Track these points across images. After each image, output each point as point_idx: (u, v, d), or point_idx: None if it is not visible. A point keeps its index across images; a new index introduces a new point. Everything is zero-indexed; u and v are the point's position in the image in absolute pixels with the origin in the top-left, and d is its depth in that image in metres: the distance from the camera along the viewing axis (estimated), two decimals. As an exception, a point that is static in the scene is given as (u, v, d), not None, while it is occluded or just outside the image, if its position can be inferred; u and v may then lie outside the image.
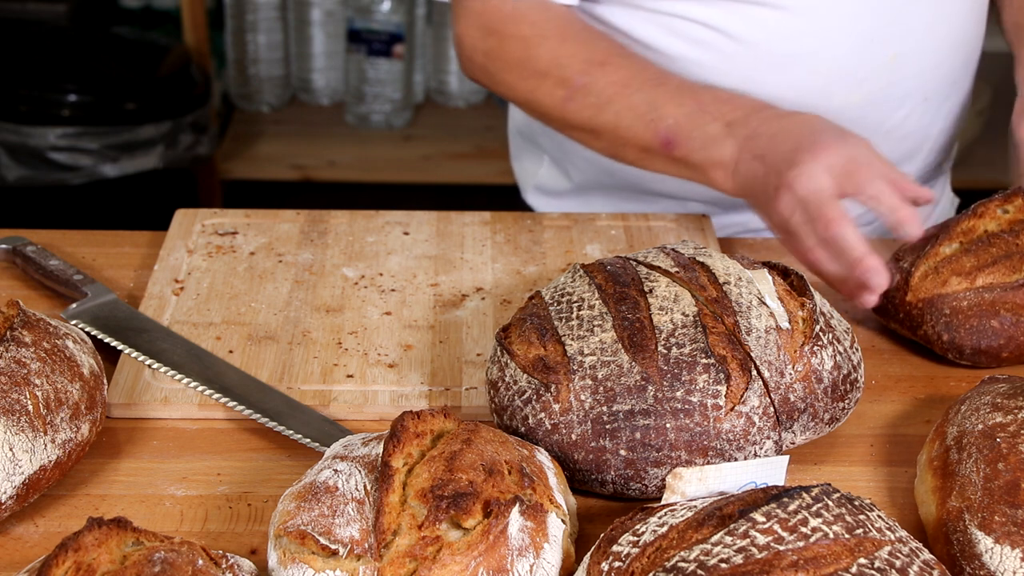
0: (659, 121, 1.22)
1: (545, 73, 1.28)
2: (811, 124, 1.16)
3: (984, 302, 1.09)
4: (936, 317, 1.10)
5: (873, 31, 1.32)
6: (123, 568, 0.78)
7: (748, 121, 1.18)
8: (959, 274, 1.10)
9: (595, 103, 1.26)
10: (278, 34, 3.08)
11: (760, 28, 1.30)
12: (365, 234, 1.30)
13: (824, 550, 0.77)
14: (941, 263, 1.12)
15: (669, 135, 1.22)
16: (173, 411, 1.05)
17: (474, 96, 3.18)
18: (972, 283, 1.10)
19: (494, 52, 1.31)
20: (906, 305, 1.13)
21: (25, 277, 1.22)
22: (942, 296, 1.10)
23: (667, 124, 1.22)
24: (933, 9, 1.34)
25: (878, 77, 1.35)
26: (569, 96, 1.27)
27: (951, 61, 1.40)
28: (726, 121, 1.19)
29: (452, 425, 0.90)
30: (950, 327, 1.10)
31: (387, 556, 0.81)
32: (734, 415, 0.94)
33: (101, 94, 2.70)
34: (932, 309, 1.11)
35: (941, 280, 1.11)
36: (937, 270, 1.11)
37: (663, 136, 1.22)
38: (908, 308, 1.12)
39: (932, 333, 1.11)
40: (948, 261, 1.11)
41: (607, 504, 0.98)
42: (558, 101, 1.28)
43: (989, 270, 1.10)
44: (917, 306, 1.12)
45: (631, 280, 1.00)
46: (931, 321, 1.11)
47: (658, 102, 1.23)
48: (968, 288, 1.10)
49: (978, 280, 1.10)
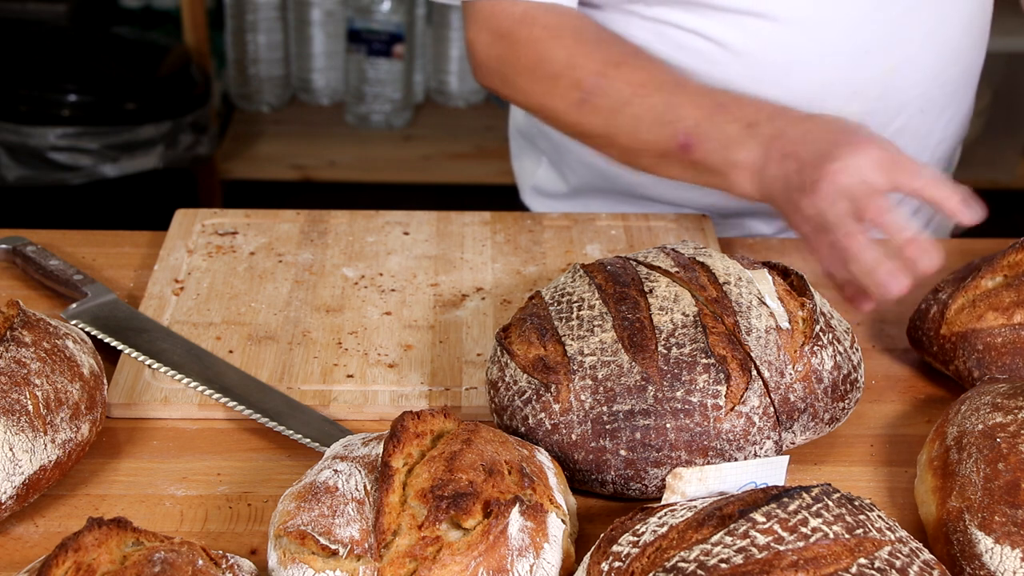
0: (677, 123, 1.19)
1: (559, 75, 1.26)
2: (842, 123, 1.14)
3: (1019, 340, 1.04)
4: (968, 352, 1.06)
5: (869, 42, 1.32)
6: (123, 568, 0.78)
7: (772, 122, 1.16)
8: (996, 309, 1.06)
9: (611, 105, 1.23)
10: (278, 34, 3.08)
11: (755, 38, 1.30)
12: (365, 234, 1.30)
13: (824, 550, 0.77)
14: (980, 296, 1.07)
15: (688, 137, 1.19)
16: (173, 411, 1.05)
17: (474, 96, 3.18)
18: (1009, 319, 1.05)
19: (506, 56, 1.29)
20: (940, 338, 1.09)
21: (25, 277, 1.22)
22: (976, 331, 1.06)
23: (686, 125, 1.19)
24: (931, 19, 1.33)
25: (874, 88, 1.34)
26: (584, 98, 1.24)
27: (950, 72, 1.39)
28: (747, 122, 1.17)
29: (452, 425, 0.90)
30: (981, 363, 1.05)
31: (387, 556, 0.81)
32: (734, 415, 0.94)
33: (101, 94, 2.70)
34: (965, 344, 1.06)
35: (977, 314, 1.06)
36: (975, 304, 1.07)
37: (681, 138, 1.19)
38: (942, 341, 1.08)
39: (963, 368, 1.07)
40: (987, 295, 1.07)
41: (607, 504, 0.98)
42: (572, 104, 1.26)
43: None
44: (951, 340, 1.07)
45: (631, 280, 1.00)
46: (963, 356, 1.06)
47: (676, 104, 1.20)
48: (1004, 324, 1.05)
49: (1015, 317, 1.05)
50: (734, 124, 1.17)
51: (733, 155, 1.17)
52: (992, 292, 1.07)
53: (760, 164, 1.15)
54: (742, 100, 1.20)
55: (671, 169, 1.24)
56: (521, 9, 1.28)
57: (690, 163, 1.20)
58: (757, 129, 1.16)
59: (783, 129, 1.15)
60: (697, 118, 1.19)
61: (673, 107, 1.20)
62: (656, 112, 1.21)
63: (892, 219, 1.06)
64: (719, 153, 1.17)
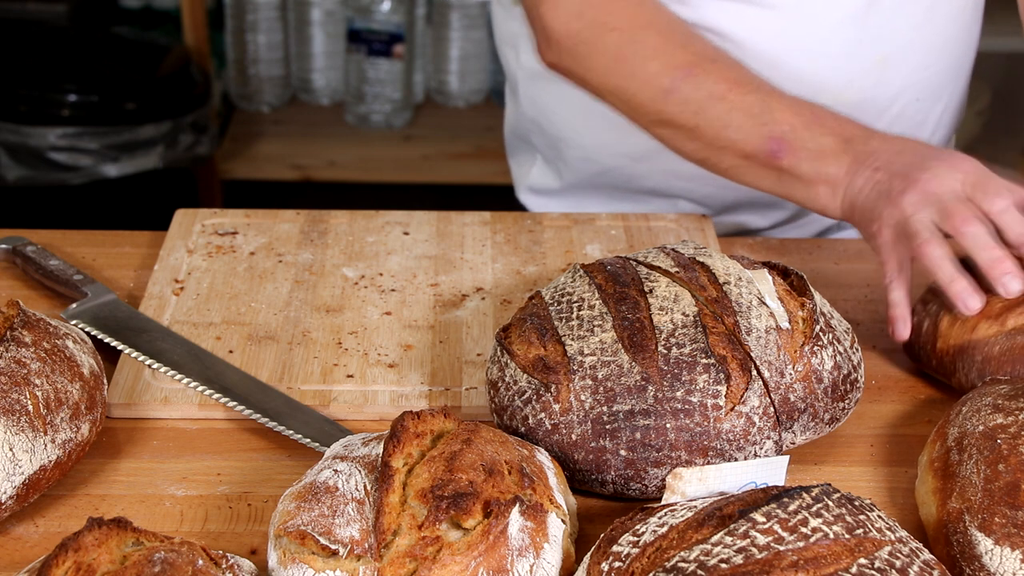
0: (773, 124, 1.17)
1: (649, 59, 1.22)
2: (932, 146, 1.14)
3: (1016, 346, 1.03)
4: (968, 365, 1.05)
5: (861, 32, 1.32)
6: (123, 568, 0.78)
7: (868, 140, 1.14)
8: (988, 317, 1.05)
9: (703, 98, 1.20)
10: (278, 34, 3.08)
11: (749, 27, 1.30)
12: (365, 234, 1.30)
13: (824, 550, 0.77)
14: None
15: (780, 143, 1.16)
16: (173, 411, 1.05)
17: (474, 96, 3.18)
18: (1002, 326, 1.04)
19: (588, 35, 1.25)
20: (937, 353, 1.08)
21: (25, 277, 1.22)
22: (972, 343, 1.05)
23: (781, 129, 1.16)
24: (923, 10, 1.34)
25: (867, 77, 1.35)
26: (673, 87, 1.21)
27: (942, 62, 1.39)
28: (844, 137, 1.15)
29: (452, 425, 0.90)
30: (982, 374, 1.04)
31: (387, 556, 0.81)
32: (734, 415, 0.94)
33: (101, 94, 2.70)
34: (963, 357, 1.06)
35: (970, 326, 1.05)
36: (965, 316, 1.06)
37: (774, 142, 1.17)
38: (940, 356, 1.08)
39: (966, 382, 1.06)
40: None
41: (607, 504, 0.98)
42: (659, 91, 1.22)
43: (1019, 310, 1.04)
44: (948, 354, 1.07)
45: (631, 280, 1.00)
46: (964, 369, 1.06)
47: (773, 107, 1.18)
48: (998, 332, 1.04)
49: (1008, 322, 1.04)
50: (830, 137, 1.15)
51: (824, 167, 1.15)
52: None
53: (848, 179, 1.14)
54: (838, 116, 1.18)
55: (751, 173, 1.21)
56: None
57: (775, 169, 1.18)
58: (852, 145, 1.15)
59: (877, 148, 1.14)
60: (794, 124, 1.17)
61: (770, 109, 1.18)
62: (751, 112, 1.18)
63: (977, 231, 1.04)
64: (810, 164, 1.16)
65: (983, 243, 1.04)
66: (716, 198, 1.41)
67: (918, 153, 1.12)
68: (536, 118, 1.50)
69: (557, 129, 1.47)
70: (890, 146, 1.14)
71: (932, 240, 1.05)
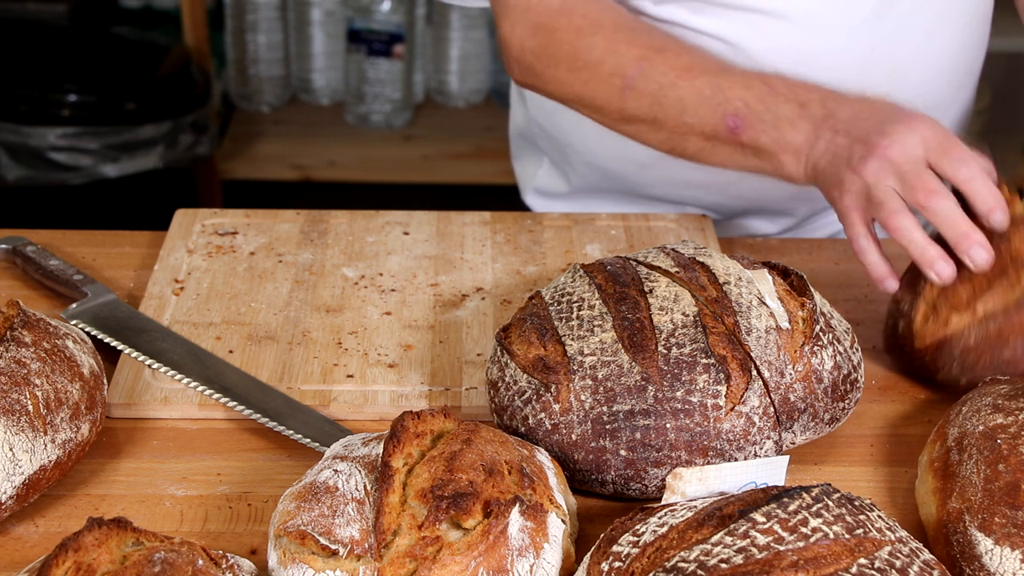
0: (726, 104, 1.17)
1: (600, 62, 1.24)
2: (894, 104, 1.12)
3: (991, 334, 1.02)
4: (948, 361, 1.05)
5: (873, 41, 1.32)
6: (123, 568, 0.78)
7: (824, 103, 1.14)
8: (958, 309, 1.04)
9: (656, 89, 1.21)
10: (278, 34, 3.08)
11: (761, 37, 1.30)
12: (365, 234, 1.30)
13: (824, 550, 0.77)
14: (938, 298, 1.05)
15: (737, 118, 1.16)
16: (173, 411, 1.05)
17: (474, 96, 3.18)
18: (974, 315, 1.03)
19: (544, 48, 1.27)
20: (917, 353, 1.08)
21: (25, 277, 1.22)
22: (948, 338, 1.04)
23: (735, 106, 1.17)
24: (934, 20, 1.33)
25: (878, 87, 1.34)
26: (627, 84, 1.22)
27: (952, 72, 1.39)
28: (798, 103, 1.15)
29: (452, 425, 0.90)
30: (964, 368, 1.04)
31: (387, 556, 0.81)
32: (734, 415, 0.94)
33: (101, 94, 2.70)
34: (941, 353, 1.05)
35: (942, 321, 1.05)
36: (935, 309, 1.05)
37: (730, 120, 1.17)
38: (920, 356, 1.07)
39: (950, 378, 1.06)
40: (944, 295, 1.05)
41: (607, 504, 0.98)
42: (615, 90, 1.23)
43: (986, 295, 1.03)
44: (928, 352, 1.06)
45: (631, 280, 1.00)
46: (945, 365, 1.05)
47: (724, 85, 1.18)
48: (971, 323, 1.03)
49: (979, 310, 1.03)
50: (785, 105, 1.15)
51: (784, 136, 1.15)
52: (950, 291, 1.05)
53: (810, 144, 1.13)
54: (792, 82, 1.18)
55: (718, 152, 1.21)
56: (559, 0, 1.27)
57: (738, 145, 1.18)
58: (808, 109, 1.14)
59: (834, 110, 1.13)
60: (746, 99, 1.17)
61: (721, 89, 1.18)
62: (703, 94, 1.19)
63: (942, 205, 1.03)
64: (769, 134, 1.15)
65: (950, 218, 1.03)
66: (725, 206, 1.41)
67: (877, 114, 1.11)
68: (543, 122, 1.50)
69: (564, 134, 1.47)
70: (848, 107, 1.13)
71: (900, 211, 1.05)
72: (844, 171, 1.09)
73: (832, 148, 1.11)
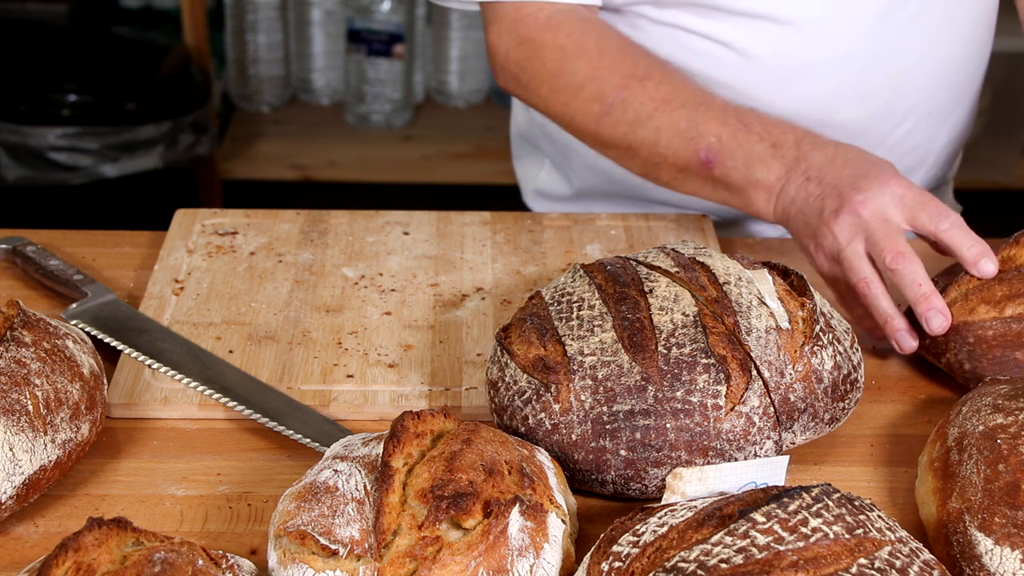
0: (700, 139, 1.19)
1: (581, 86, 1.25)
2: (869, 156, 1.14)
3: (1010, 333, 1.04)
4: (960, 345, 1.06)
5: (878, 47, 1.31)
6: (123, 568, 0.78)
7: (799, 145, 1.15)
8: (988, 302, 1.06)
9: (632, 119, 1.23)
10: (278, 34, 3.08)
11: (765, 42, 1.30)
12: (365, 234, 1.30)
13: (824, 550, 0.77)
14: (972, 290, 1.07)
15: (710, 153, 1.18)
16: (173, 411, 1.05)
17: (474, 96, 3.18)
18: (1000, 312, 1.05)
19: (528, 62, 1.28)
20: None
21: (25, 277, 1.22)
22: (968, 324, 1.06)
23: (708, 142, 1.18)
24: (938, 25, 1.33)
25: (882, 92, 1.34)
26: (605, 111, 1.24)
27: (956, 76, 1.39)
28: (772, 142, 1.16)
29: (452, 425, 0.90)
30: (972, 356, 1.05)
31: (387, 556, 0.81)
32: (734, 415, 0.94)
33: (101, 94, 2.70)
34: (957, 336, 1.06)
35: (969, 308, 1.06)
36: (967, 297, 1.07)
37: (703, 154, 1.19)
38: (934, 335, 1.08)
39: (955, 361, 1.07)
40: (980, 288, 1.07)
41: (607, 504, 0.98)
42: (593, 116, 1.25)
43: (1019, 301, 1.05)
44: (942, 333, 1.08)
45: (631, 280, 1.00)
46: (955, 349, 1.06)
47: (700, 120, 1.20)
48: (996, 317, 1.05)
49: (1007, 310, 1.05)
50: (759, 144, 1.17)
51: (755, 173, 1.16)
52: (985, 286, 1.07)
53: (780, 184, 1.15)
54: (768, 120, 1.19)
55: (690, 184, 1.23)
56: (546, 15, 1.27)
57: (710, 179, 1.20)
58: (782, 150, 1.16)
59: (807, 153, 1.15)
60: (721, 135, 1.18)
61: (696, 123, 1.20)
62: (678, 127, 1.20)
63: (908, 269, 1.06)
64: (740, 171, 1.17)
65: (915, 281, 1.06)
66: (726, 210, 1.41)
67: (850, 165, 1.12)
68: (544, 124, 1.50)
69: (565, 136, 1.47)
70: (821, 152, 1.14)
71: (870, 279, 1.08)
72: (816, 223, 1.12)
73: (803, 194, 1.13)
